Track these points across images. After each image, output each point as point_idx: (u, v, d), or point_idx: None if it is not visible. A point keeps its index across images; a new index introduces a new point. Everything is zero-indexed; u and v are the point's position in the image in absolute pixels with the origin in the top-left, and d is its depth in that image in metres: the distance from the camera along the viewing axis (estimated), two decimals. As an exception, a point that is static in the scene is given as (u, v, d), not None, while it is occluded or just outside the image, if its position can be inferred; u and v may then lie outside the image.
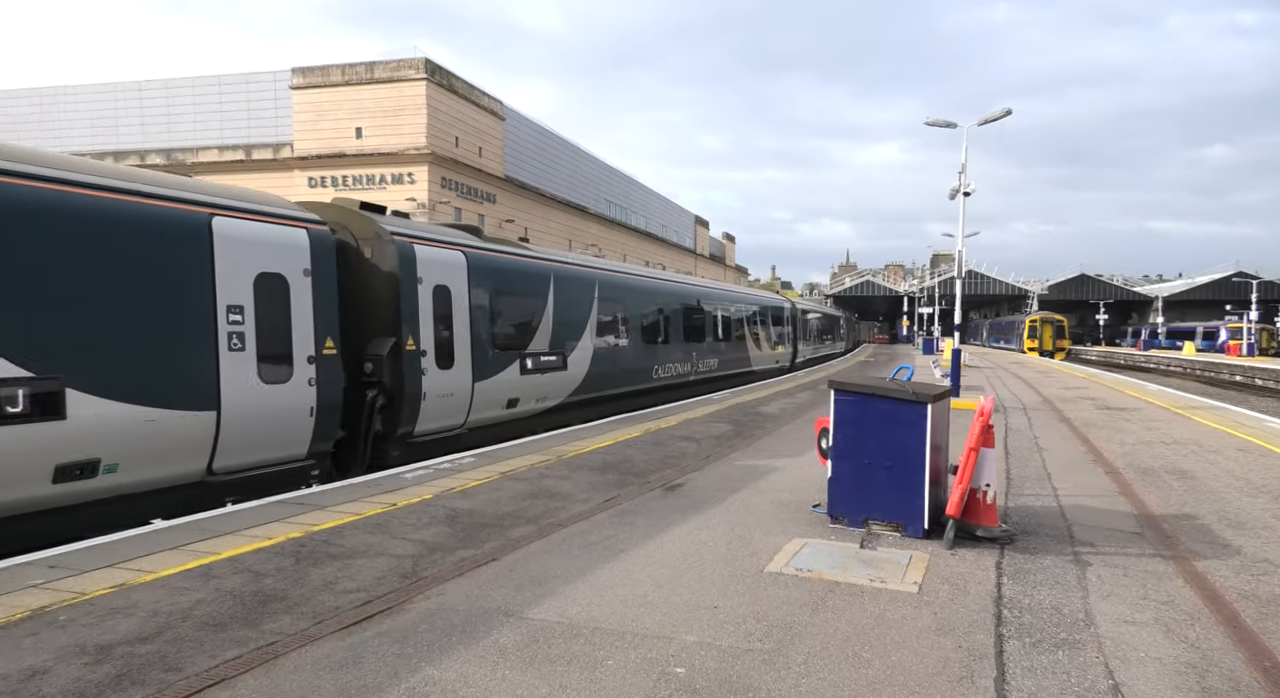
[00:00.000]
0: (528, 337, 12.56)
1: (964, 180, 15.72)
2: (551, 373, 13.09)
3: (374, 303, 9.59)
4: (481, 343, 11.14)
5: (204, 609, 4.43)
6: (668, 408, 15.47)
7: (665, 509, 6.99)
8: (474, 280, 11.09)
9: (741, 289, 31.05)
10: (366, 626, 4.26)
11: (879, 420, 6.00)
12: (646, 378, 17.23)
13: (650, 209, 77.64)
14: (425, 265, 10.11)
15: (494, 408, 11.62)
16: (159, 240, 6.95)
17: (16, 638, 3.96)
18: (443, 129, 43.08)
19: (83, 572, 5.01)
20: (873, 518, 6.10)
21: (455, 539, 5.95)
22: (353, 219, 9.92)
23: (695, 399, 17.44)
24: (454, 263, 10.82)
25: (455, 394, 10.59)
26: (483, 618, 4.35)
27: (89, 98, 46.01)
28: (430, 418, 10.16)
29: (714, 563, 5.35)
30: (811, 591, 4.74)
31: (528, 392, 12.42)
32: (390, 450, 9.66)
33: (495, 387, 11.50)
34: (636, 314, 16.76)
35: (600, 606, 4.53)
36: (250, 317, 7.67)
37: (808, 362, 35.03)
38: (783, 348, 29.67)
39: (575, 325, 14.11)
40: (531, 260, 13.14)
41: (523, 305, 12.58)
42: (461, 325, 10.77)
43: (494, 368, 11.48)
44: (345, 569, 5.19)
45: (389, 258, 9.68)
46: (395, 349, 9.52)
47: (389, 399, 9.52)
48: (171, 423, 6.93)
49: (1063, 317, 58.48)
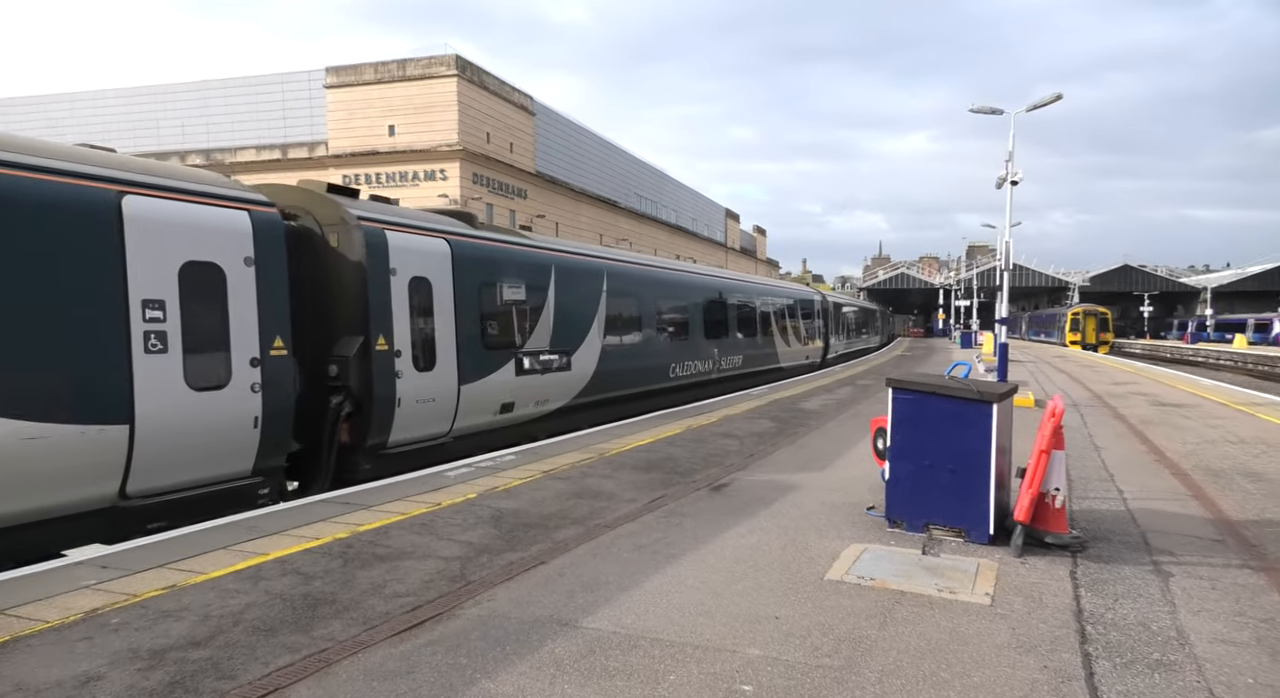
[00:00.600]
0: (525, 334, 11.49)
1: (1010, 169, 15.20)
2: (553, 373, 12.00)
3: (341, 298, 8.60)
4: (469, 341, 10.09)
5: (254, 613, 4.36)
6: (707, 404, 15.26)
7: (713, 510, 6.81)
8: (460, 271, 9.99)
9: (768, 281, 29.53)
10: (418, 633, 4.15)
11: (940, 420, 5.74)
12: (663, 377, 16.11)
13: (681, 203, 77.21)
14: (399, 255, 9.02)
15: (485, 413, 10.55)
16: (49, 223, 5.76)
17: (70, 642, 3.93)
18: (474, 125, 43.20)
19: (134, 572, 4.99)
20: (933, 523, 5.85)
21: (501, 541, 5.84)
22: (315, 203, 8.83)
23: (734, 395, 17.19)
24: (435, 252, 9.72)
25: (437, 399, 9.52)
26: (535, 627, 4.21)
27: (130, 100, 47.01)
28: (407, 426, 9.09)
29: (770, 569, 5.15)
30: (876, 601, 4.52)
31: (525, 394, 11.38)
32: (359, 464, 8.60)
33: (486, 390, 10.47)
34: (651, 308, 15.62)
35: (656, 614, 4.37)
36: (174, 313, 6.56)
37: (840, 357, 33.38)
38: (813, 343, 28.23)
39: (581, 321, 13.01)
40: (529, 249, 12.03)
41: (519, 299, 11.46)
42: (445, 322, 9.70)
43: (484, 369, 10.42)
44: (393, 572, 5.10)
45: (355, 246, 8.56)
46: (363, 349, 8.50)
47: (357, 406, 8.49)
48: (64, 441, 5.74)
49: (1106, 309, 56.84)
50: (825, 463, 9.17)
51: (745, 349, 20.67)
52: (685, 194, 79.11)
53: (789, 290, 27.44)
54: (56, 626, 4.12)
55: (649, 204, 68.67)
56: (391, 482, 8.01)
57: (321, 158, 43.39)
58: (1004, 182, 15.31)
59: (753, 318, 21.65)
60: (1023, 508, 5.27)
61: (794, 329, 25.57)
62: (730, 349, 19.57)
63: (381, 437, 8.81)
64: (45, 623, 4.14)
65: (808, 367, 26.93)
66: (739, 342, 20.28)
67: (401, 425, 8.99)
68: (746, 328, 21.02)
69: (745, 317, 20.97)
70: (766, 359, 22.51)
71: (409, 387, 9.03)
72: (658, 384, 15.79)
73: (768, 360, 22.62)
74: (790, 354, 24.91)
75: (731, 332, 19.84)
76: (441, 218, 10.58)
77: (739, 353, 20.15)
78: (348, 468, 8.54)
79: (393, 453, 8.99)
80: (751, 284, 23.76)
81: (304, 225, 8.55)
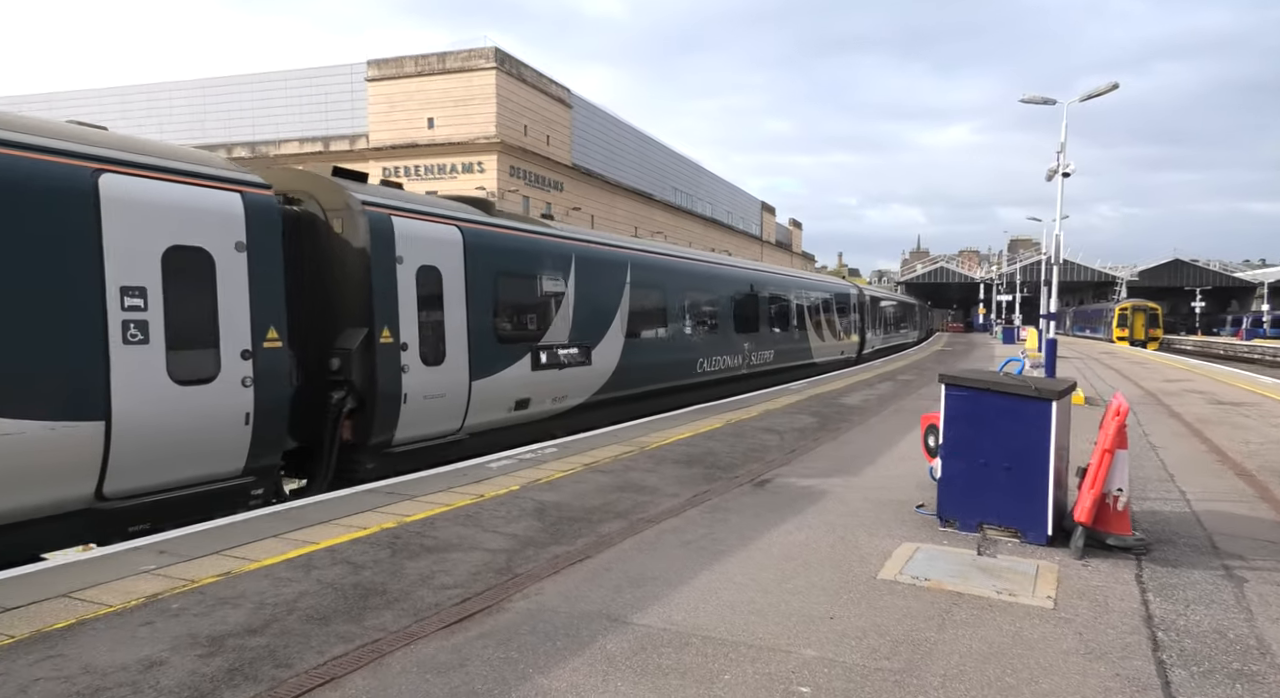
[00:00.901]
0: (542, 326, 10.97)
1: (1061, 160, 14.74)
2: (572, 368, 11.43)
3: (344, 287, 8.17)
4: (482, 334, 9.61)
5: (307, 602, 4.41)
6: (744, 398, 15.13)
7: (757, 507, 6.72)
8: (473, 261, 9.50)
9: (802, 273, 28.46)
10: (468, 625, 4.15)
11: (996, 418, 5.58)
12: (690, 372, 15.48)
13: (717, 196, 76.73)
14: (407, 242, 8.56)
15: (498, 410, 10.06)
16: (16, 203, 5.34)
17: (133, 626, 4.01)
18: (512, 118, 43.39)
19: (191, 558, 5.09)
20: (987, 522, 5.69)
21: (546, 534, 5.83)
22: (319, 187, 8.37)
23: (772, 389, 17.02)
24: (446, 240, 9.21)
25: (447, 395, 9.04)
26: (585, 622, 4.18)
27: (180, 94, 48.21)
28: (414, 423, 8.63)
29: (821, 567, 5.05)
30: (933, 602, 4.40)
31: (542, 390, 10.84)
32: (363, 462, 8.20)
33: (500, 385, 9.94)
34: (677, 300, 14.96)
35: (706, 612, 4.31)
36: (157, 301, 6.12)
37: (876, 353, 32.45)
38: (848, 339, 27.39)
39: (602, 313, 12.41)
40: (547, 238, 11.44)
41: (536, 290, 10.94)
42: (456, 313, 9.20)
43: (498, 363, 9.90)
44: (441, 563, 5.12)
45: (359, 232, 8.09)
46: (367, 342, 8.05)
47: (360, 402, 8.04)
48: (32, 438, 5.34)
49: (1156, 304, 55.06)
50: (869, 460, 9.01)
51: (777, 344, 20.06)
52: (721, 187, 78.58)
53: (823, 283, 26.61)
54: (119, 610, 4.21)
55: (684, 197, 68.37)
56: (435, 472, 8.07)
57: (362, 150, 44.02)
58: (1055, 174, 14.85)
59: (785, 311, 21.05)
60: (1084, 509, 5.09)
61: (828, 323, 24.87)
62: (761, 344, 18.96)
63: (386, 434, 8.36)
64: (108, 607, 4.24)
65: (842, 362, 26.25)
66: (771, 336, 19.65)
67: (408, 422, 8.54)
68: (778, 322, 20.42)
69: (777, 310, 20.38)
70: (799, 354, 21.92)
71: (416, 381, 8.57)
72: (684, 380, 15.25)
73: (801, 356, 22.04)
74: (824, 349, 24.29)
75: (763, 325, 19.22)
76: (455, 204, 10.17)
77: (770, 348, 19.52)
78: (350, 467, 8.11)
79: (399, 451, 8.56)
80: (784, 276, 23.00)
81: (306, 210, 8.15)
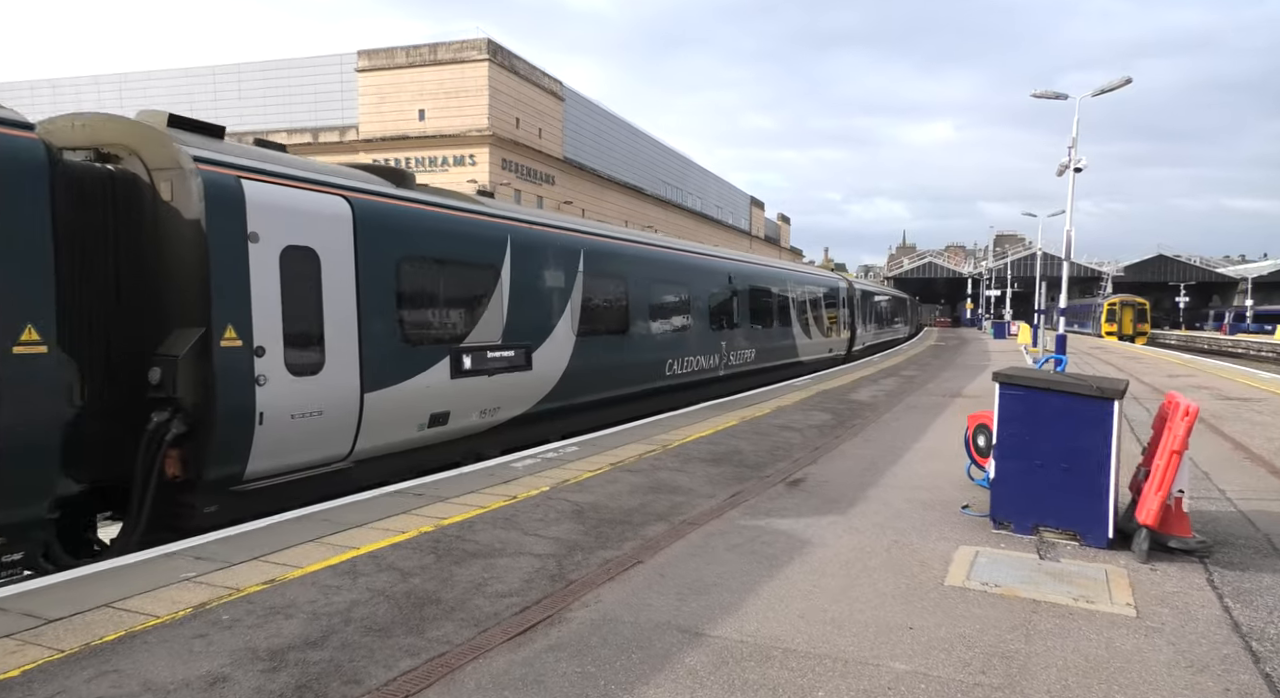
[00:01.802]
0: (467, 324, 9.07)
1: (1073, 155, 14.71)
2: (507, 374, 9.59)
3: (172, 273, 6.25)
4: (381, 334, 7.77)
5: (361, 611, 4.21)
6: (756, 394, 15.01)
7: (797, 507, 6.59)
8: (369, 241, 7.63)
9: (786, 264, 25.97)
10: (533, 636, 3.98)
11: (1053, 417, 5.47)
12: (655, 375, 13.59)
13: (706, 190, 76.62)
14: (265, 214, 6.61)
15: (406, 428, 8.20)
16: None
17: (186, 639, 3.80)
18: (504, 110, 42.96)
19: (230, 565, 4.87)
20: (1044, 524, 5.58)
21: (590, 537, 5.66)
22: (144, 140, 6.35)
23: (779, 386, 16.91)
24: (327, 213, 7.25)
25: (327, 412, 7.13)
26: (656, 633, 4.02)
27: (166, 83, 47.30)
28: (276, 450, 6.72)
29: (883, 573, 4.92)
30: (1010, 610, 4.28)
31: (466, 401, 8.94)
32: (197, 505, 6.27)
33: (406, 397, 8.06)
34: (641, 293, 13.00)
35: (779, 621, 4.16)
36: None
37: (867, 349, 30.81)
38: (837, 335, 25.60)
39: (547, 308, 10.58)
40: (475, 217, 9.49)
41: (459, 280, 9.04)
42: (341, 308, 7.32)
43: (404, 370, 8.05)
44: (490, 569, 4.94)
45: (191, 199, 6.09)
46: (201, 346, 6.09)
47: (191, 425, 6.07)
48: None
49: (1144, 300, 55.66)
50: (895, 457, 8.91)
51: (758, 342, 18.20)
52: (710, 181, 78.47)
53: (810, 276, 24.62)
54: (168, 621, 4.00)
55: (674, 191, 68.16)
56: (460, 472, 7.87)
57: (352, 141, 43.44)
58: (1065, 168, 14.82)
59: (768, 306, 19.15)
60: (1151, 512, 4.99)
61: (816, 319, 23.01)
62: (740, 342, 17.15)
63: (232, 466, 6.44)
64: (156, 618, 4.02)
65: (830, 360, 24.50)
66: (751, 333, 17.78)
67: (267, 449, 6.63)
68: (760, 317, 18.51)
69: (758, 304, 18.44)
70: (783, 353, 20.19)
71: (278, 396, 6.65)
72: (649, 384, 13.46)
73: (785, 354, 20.33)
74: (811, 347, 22.55)
75: (742, 321, 17.33)
76: (352, 172, 8.34)
77: (751, 346, 17.74)
78: (179, 512, 6.22)
79: (254, 488, 6.65)
80: (765, 268, 20.76)
81: (125, 170, 6.24)
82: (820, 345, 23.53)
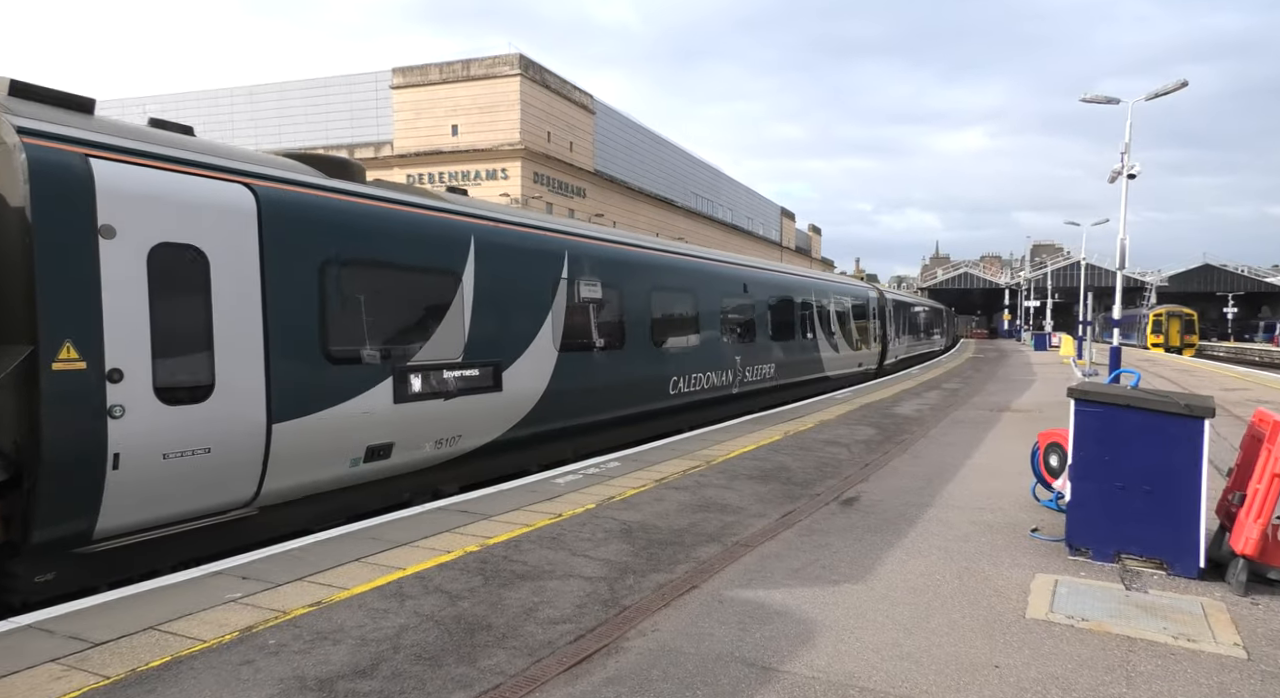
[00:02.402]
0: (416, 338, 7.63)
1: (1126, 162, 14.22)
2: (469, 396, 8.17)
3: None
4: (296, 351, 6.43)
5: (411, 638, 4.03)
6: (796, 407, 14.68)
7: (854, 529, 6.30)
8: (279, 239, 6.31)
9: (811, 273, 23.83)
10: (590, 668, 3.76)
11: (1136, 437, 5.13)
12: (659, 395, 12.03)
13: (736, 201, 76.37)
14: (123, 203, 5.30)
15: (334, 464, 6.80)
16: None
17: (233, 665, 3.65)
18: (535, 124, 43.23)
19: (276, 585, 4.74)
20: (1126, 552, 5.23)
21: (640, 559, 5.44)
22: None
23: (817, 399, 16.55)
24: (218, 204, 5.91)
25: (218, 447, 5.79)
26: (721, 667, 3.78)
27: (205, 103, 48.51)
28: (143, 500, 5.41)
29: (956, 602, 4.62)
30: (1104, 648, 3.96)
31: (415, 430, 7.52)
32: (24, 574, 5.04)
33: (331, 427, 6.66)
34: (638, 302, 11.45)
35: (853, 656, 3.89)
36: None
37: (900, 363, 29.24)
38: (867, 349, 23.90)
39: (521, 319, 9.07)
40: (426, 213, 7.95)
41: (405, 286, 7.59)
42: (239, 319, 5.98)
43: (329, 394, 6.67)
44: (540, 593, 4.74)
45: (15, 181, 4.88)
46: (26, 369, 4.82)
47: (12, 473, 4.86)
48: None
49: (1192, 310, 53.95)
50: (950, 475, 8.56)
51: (778, 356, 16.61)
52: (741, 192, 78.21)
53: (837, 285, 22.84)
54: (214, 645, 3.86)
55: (705, 203, 68.02)
56: (502, 489, 7.70)
57: (387, 158, 44.03)
58: (1118, 175, 14.33)
59: (789, 317, 17.49)
60: (1250, 540, 4.62)
61: (844, 332, 21.46)
62: (758, 356, 15.56)
63: (74, 523, 5.13)
64: (202, 642, 3.88)
65: (860, 376, 22.85)
66: (770, 347, 16.19)
67: (128, 499, 5.31)
68: (781, 330, 16.93)
69: (779, 315, 16.83)
70: (807, 368, 18.52)
71: (143, 431, 5.32)
72: (650, 405, 11.80)
73: (808, 369, 18.63)
74: (838, 362, 20.83)
75: (759, 334, 15.77)
76: (278, 160, 7.04)
77: (769, 361, 16.12)
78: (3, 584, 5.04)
79: (111, 549, 5.41)
80: (787, 276, 18.79)
81: None
82: (849, 360, 22.04)
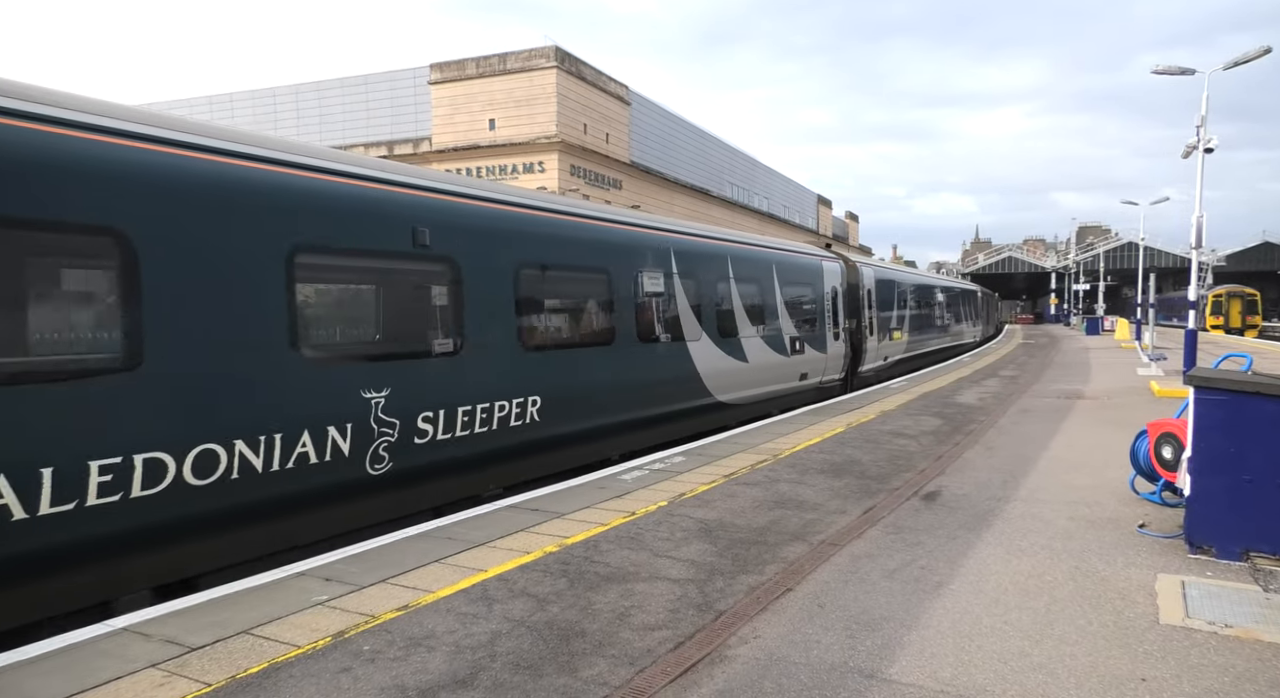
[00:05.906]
0: None
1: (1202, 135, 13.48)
2: None
3: None
4: None
5: (505, 645, 3.87)
6: (852, 398, 14.29)
7: (944, 525, 5.98)
8: None
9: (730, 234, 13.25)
10: (696, 678, 3.55)
11: (1268, 426, 4.74)
12: None
13: (772, 190, 75.40)
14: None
15: None
16: None
17: (331, 673, 3.52)
18: (572, 117, 43.10)
19: (360, 587, 4.62)
20: (1257, 550, 4.84)
21: (725, 560, 5.21)
22: None
23: (877, 387, 16.11)
24: None
25: None
26: (835, 678, 3.54)
27: (251, 103, 49.35)
28: None
29: (1077, 606, 4.31)
30: (1260, 660, 3.62)
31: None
32: None
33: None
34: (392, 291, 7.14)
35: (978, 667, 3.62)
36: None
37: (896, 365, 20.51)
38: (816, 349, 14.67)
39: None
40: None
41: None
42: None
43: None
44: (628, 596, 4.54)
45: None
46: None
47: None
48: None
49: (1254, 290, 51.66)
50: (1031, 467, 8.16)
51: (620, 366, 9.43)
52: (776, 181, 77.20)
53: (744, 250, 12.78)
54: (309, 651, 3.74)
55: (741, 192, 67.30)
56: (569, 485, 7.54)
57: (425, 153, 44.33)
58: (1193, 149, 13.60)
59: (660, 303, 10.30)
60: None
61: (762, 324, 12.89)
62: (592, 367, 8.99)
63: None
64: (296, 648, 3.77)
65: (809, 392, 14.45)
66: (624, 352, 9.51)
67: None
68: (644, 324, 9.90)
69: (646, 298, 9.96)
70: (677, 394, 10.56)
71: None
72: None
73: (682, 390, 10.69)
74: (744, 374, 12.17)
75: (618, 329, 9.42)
76: None
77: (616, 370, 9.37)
78: None
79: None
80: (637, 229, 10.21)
81: None
82: (772, 369, 13.09)
